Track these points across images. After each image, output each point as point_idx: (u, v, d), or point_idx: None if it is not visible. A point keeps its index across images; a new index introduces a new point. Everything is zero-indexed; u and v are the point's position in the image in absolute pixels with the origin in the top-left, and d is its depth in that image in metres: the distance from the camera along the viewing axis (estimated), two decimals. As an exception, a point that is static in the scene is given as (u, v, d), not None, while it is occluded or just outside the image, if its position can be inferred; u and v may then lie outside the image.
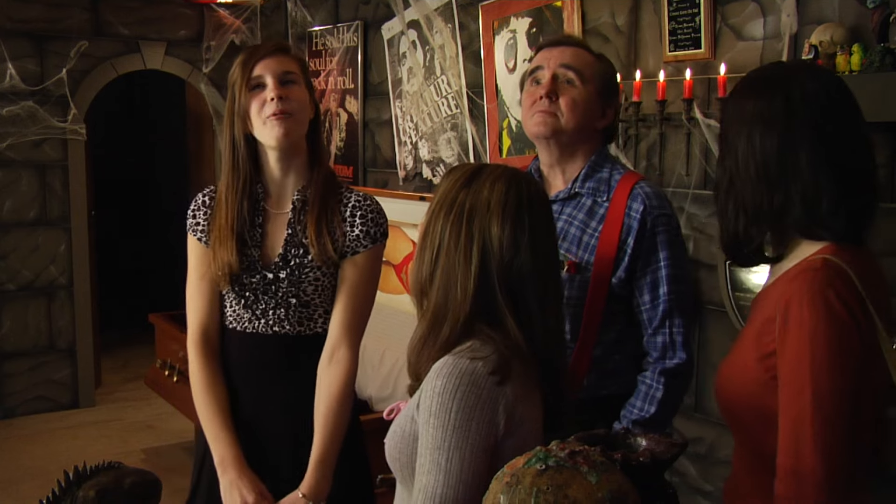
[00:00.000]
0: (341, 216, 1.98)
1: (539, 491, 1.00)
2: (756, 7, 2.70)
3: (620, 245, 1.91)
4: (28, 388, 5.34)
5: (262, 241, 2.00)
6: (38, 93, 5.15)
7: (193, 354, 2.02)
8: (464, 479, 1.32)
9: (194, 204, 2.07)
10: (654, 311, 1.91)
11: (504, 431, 1.36)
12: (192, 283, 2.04)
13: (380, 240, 2.01)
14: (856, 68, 2.29)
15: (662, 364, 1.90)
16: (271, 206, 2.02)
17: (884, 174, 2.38)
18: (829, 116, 1.46)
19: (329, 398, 1.95)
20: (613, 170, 1.99)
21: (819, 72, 1.56)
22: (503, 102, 3.74)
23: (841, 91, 1.49)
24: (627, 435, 1.26)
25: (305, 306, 1.98)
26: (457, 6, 3.94)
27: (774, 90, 1.48)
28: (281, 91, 1.93)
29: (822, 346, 1.37)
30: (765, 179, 1.46)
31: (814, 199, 1.44)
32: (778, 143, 1.45)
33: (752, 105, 1.49)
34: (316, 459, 1.93)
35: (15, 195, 5.22)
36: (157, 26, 5.58)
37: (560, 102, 1.93)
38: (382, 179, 4.70)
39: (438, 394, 1.34)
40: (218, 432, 1.96)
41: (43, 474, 3.58)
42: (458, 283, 1.42)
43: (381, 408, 3.56)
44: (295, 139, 1.97)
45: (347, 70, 4.87)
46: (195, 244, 2.04)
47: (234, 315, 2.01)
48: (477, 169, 1.50)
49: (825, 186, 1.44)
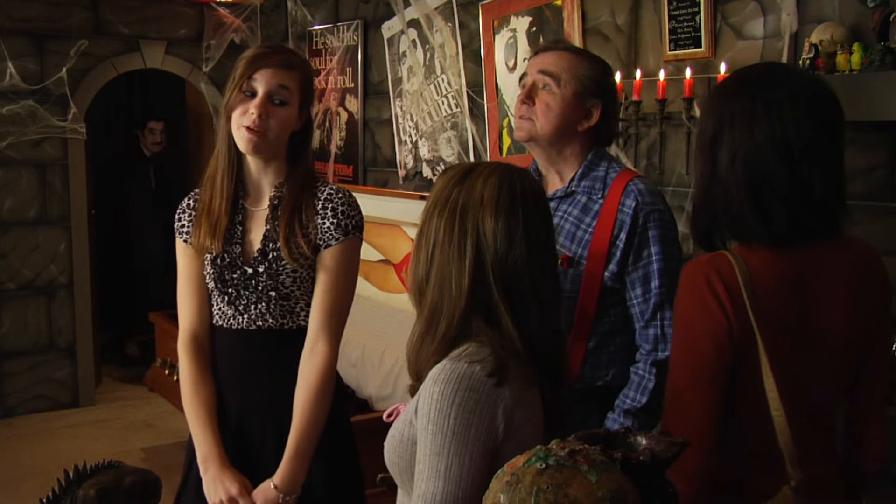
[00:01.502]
0: (314, 209, 2.00)
1: (539, 490, 1.00)
2: (756, 6, 2.70)
3: (613, 240, 1.96)
4: (28, 388, 5.34)
5: (243, 237, 2.03)
6: (38, 92, 5.14)
7: (182, 354, 2.06)
8: (463, 485, 1.31)
9: (179, 208, 2.12)
10: (645, 305, 1.96)
11: (503, 435, 1.35)
12: (180, 286, 2.09)
13: (352, 232, 2.01)
14: (856, 67, 2.29)
15: (655, 356, 1.95)
16: (250, 203, 2.05)
17: (884, 174, 2.38)
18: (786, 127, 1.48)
19: (307, 390, 1.97)
20: (610, 168, 2.04)
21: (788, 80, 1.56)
22: (503, 101, 3.74)
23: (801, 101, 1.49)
24: (627, 434, 1.26)
25: (286, 299, 2.00)
26: (457, 5, 3.94)
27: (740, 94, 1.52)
28: (265, 109, 1.94)
29: (678, 317, 1.54)
30: (721, 180, 1.51)
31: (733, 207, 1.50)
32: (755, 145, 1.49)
33: (729, 106, 1.52)
34: (290, 451, 1.95)
35: (15, 194, 5.22)
36: (158, 25, 5.58)
37: (535, 108, 2.01)
38: (382, 178, 4.70)
39: (437, 400, 1.33)
40: (202, 430, 1.99)
41: (43, 473, 3.58)
42: (452, 278, 1.42)
43: (380, 407, 3.56)
44: (264, 150, 1.99)
45: (347, 69, 4.87)
46: (182, 247, 2.09)
47: (220, 313, 2.04)
48: (470, 167, 1.50)
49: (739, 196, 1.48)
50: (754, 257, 1.49)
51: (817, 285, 1.50)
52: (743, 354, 1.48)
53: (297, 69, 2.00)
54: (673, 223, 2.03)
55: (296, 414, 1.97)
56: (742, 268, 1.46)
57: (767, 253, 1.49)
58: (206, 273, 2.04)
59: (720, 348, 1.47)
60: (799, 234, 1.48)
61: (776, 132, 1.46)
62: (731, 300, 1.45)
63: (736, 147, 1.49)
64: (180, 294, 2.09)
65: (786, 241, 1.49)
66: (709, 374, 1.48)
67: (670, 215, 2.03)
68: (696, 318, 1.49)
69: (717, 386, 1.48)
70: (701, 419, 1.48)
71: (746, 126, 1.48)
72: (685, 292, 1.52)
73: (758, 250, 1.49)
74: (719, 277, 1.46)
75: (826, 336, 1.51)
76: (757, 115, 1.47)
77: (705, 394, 1.48)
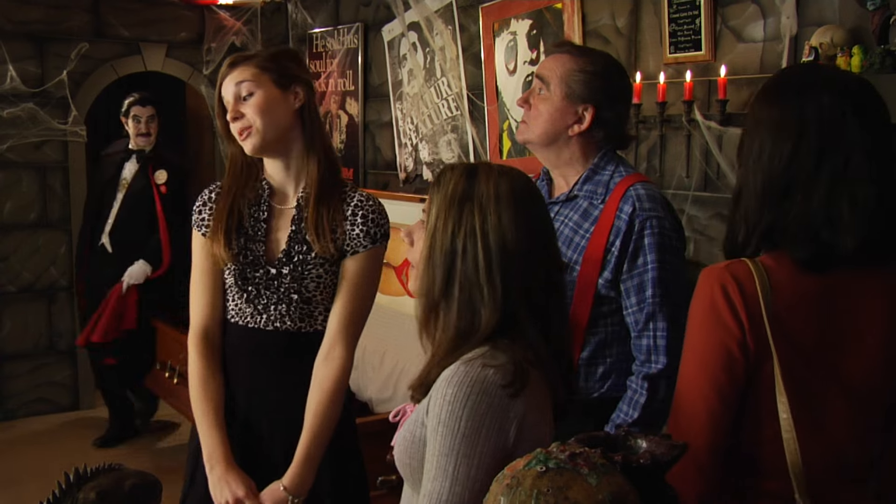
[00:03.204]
0: (343, 214, 2.00)
1: (539, 493, 1.00)
2: (756, 9, 2.70)
3: (608, 247, 1.91)
4: (28, 390, 5.34)
5: (267, 236, 2.02)
6: (39, 94, 5.15)
7: (193, 350, 2.04)
8: (470, 486, 1.31)
9: (200, 200, 2.10)
10: (640, 314, 1.91)
11: (515, 439, 1.34)
12: (194, 279, 2.07)
13: (380, 241, 2.02)
14: (856, 70, 2.29)
15: (647, 368, 1.90)
16: (276, 202, 2.04)
17: (884, 176, 2.38)
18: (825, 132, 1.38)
19: (321, 394, 1.97)
20: (616, 172, 1.98)
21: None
22: (503, 104, 3.74)
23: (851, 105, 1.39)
24: (628, 437, 1.26)
25: (307, 303, 2.00)
26: (457, 8, 3.94)
27: (789, 100, 1.42)
28: (236, 110, 1.97)
29: (689, 323, 1.45)
30: (767, 194, 1.41)
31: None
32: (785, 160, 1.39)
33: (766, 113, 1.43)
34: (301, 454, 1.95)
35: (15, 197, 5.23)
36: (158, 28, 5.58)
37: (530, 112, 2.01)
38: (383, 181, 4.70)
39: (449, 402, 1.33)
40: (209, 428, 1.98)
41: (43, 476, 3.58)
42: (481, 283, 1.39)
43: (381, 410, 3.56)
44: (267, 145, 1.99)
45: (348, 72, 4.87)
46: (199, 239, 2.06)
47: (237, 309, 2.03)
48: (473, 168, 1.48)
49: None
50: (779, 268, 1.39)
51: (844, 310, 1.39)
52: (757, 370, 1.38)
53: (246, 60, 2.01)
54: (674, 230, 1.95)
55: (309, 417, 1.97)
56: (763, 277, 1.37)
57: (794, 267, 1.38)
58: (225, 269, 2.02)
59: (730, 359, 1.38)
60: (825, 260, 1.37)
61: (804, 148, 1.37)
62: (746, 310, 1.36)
63: (765, 159, 1.40)
64: (193, 288, 2.07)
65: (811, 265, 1.38)
66: (714, 385, 1.39)
67: (672, 222, 1.95)
68: (707, 325, 1.40)
69: (724, 400, 1.39)
70: (699, 433, 1.39)
71: (777, 138, 1.39)
72: (698, 298, 1.43)
73: (785, 262, 1.39)
74: (737, 285, 1.37)
75: (850, 367, 1.39)
76: (790, 127, 1.38)
77: (708, 406, 1.40)
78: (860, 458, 1.43)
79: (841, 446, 1.41)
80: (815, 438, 1.38)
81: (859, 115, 1.38)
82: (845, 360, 1.39)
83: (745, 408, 1.42)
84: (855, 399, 1.41)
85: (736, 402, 1.40)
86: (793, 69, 1.56)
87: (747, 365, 1.38)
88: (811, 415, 1.39)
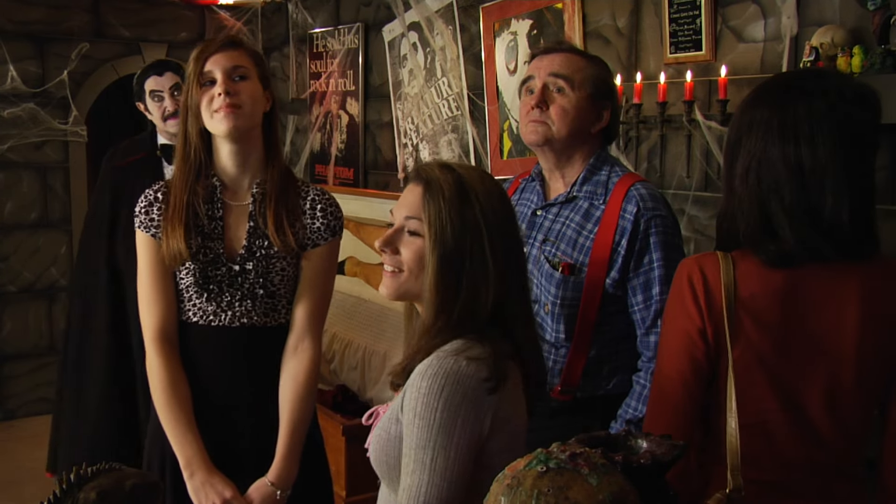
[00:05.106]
0: (301, 209, 2.03)
1: (540, 493, 1.00)
2: (757, 9, 2.71)
3: (614, 247, 1.94)
4: (29, 390, 5.34)
5: (224, 233, 2.00)
6: (40, 95, 5.15)
7: (153, 354, 1.99)
8: (448, 477, 1.32)
9: (144, 200, 2.04)
10: (647, 312, 1.94)
11: (489, 430, 1.36)
12: (145, 282, 2.01)
13: (338, 233, 2.07)
14: (856, 70, 2.29)
15: (654, 364, 1.90)
16: (228, 197, 2.03)
17: (885, 176, 2.38)
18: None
19: (295, 387, 1.99)
20: (612, 172, 2.02)
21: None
22: (504, 104, 3.74)
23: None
24: (628, 437, 1.26)
25: (272, 297, 2.01)
26: (457, 8, 3.94)
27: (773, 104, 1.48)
28: (229, 86, 1.95)
29: (665, 309, 1.58)
30: (747, 193, 1.48)
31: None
32: (765, 161, 1.46)
33: (751, 115, 1.50)
34: (283, 448, 1.97)
35: (16, 197, 5.23)
36: (159, 28, 5.58)
37: (550, 111, 1.99)
38: (383, 181, 4.70)
39: (424, 394, 1.34)
40: (182, 433, 1.95)
41: (44, 476, 3.58)
42: (487, 275, 1.42)
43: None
44: (245, 131, 1.98)
45: (348, 72, 4.87)
46: (146, 241, 2.01)
47: (196, 309, 2.00)
48: (450, 168, 1.50)
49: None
50: (746, 261, 1.47)
51: (812, 304, 1.44)
52: (719, 358, 1.47)
53: (243, 46, 2.04)
54: (676, 228, 2.01)
55: (286, 411, 1.99)
56: (728, 269, 1.45)
57: (762, 262, 1.46)
58: (182, 269, 1.98)
59: (691, 345, 1.47)
60: (805, 255, 1.43)
61: (789, 149, 1.42)
62: (707, 299, 1.45)
63: (750, 159, 1.46)
64: (145, 291, 2.01)
65: (789, 261, 1.44)
66: (678, 368, 1.49)
67: (673, 220, 2.00)
68: (672, 312, 1.52)
69: (686, 384, 1.49)
70: (668, 413, 1.50)
71: (762, 138, 1.45)
72: (672, 287, 1.54)
73: (752, 257, 1.47)
74: (701, 275, 1.47)
75: (825, 351, 1.44)
76: (773, 128, 1.44)
77: (674, 389, 1.49)
78: (843, 450, 1.48)
79: (819, 436, 1.46)
80: (792, 429, 1.44)
81: (845, 122, 1.42)
82: (818, 339, 1.45)
83: (713, 395, 1.50)
84: (829, 393, 1.45)
85: (699, 388, 1.49)
86: (790, 73, 1.62)
87: (708, 351, 1.47)
88: (787, 404, 1.45)
